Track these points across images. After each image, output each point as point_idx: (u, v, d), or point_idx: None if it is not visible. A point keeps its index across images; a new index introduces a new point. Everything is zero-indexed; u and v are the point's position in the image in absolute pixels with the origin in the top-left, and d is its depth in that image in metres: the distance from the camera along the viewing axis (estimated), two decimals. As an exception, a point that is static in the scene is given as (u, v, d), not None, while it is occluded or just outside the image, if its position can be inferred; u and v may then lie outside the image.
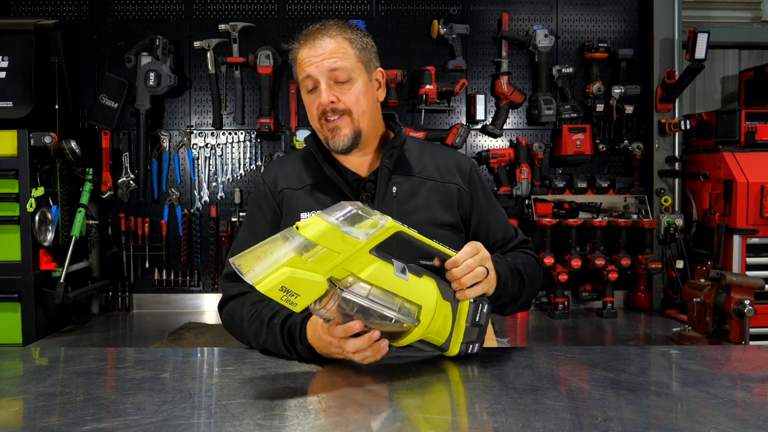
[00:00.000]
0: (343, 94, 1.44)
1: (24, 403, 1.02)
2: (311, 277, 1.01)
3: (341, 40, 1.45)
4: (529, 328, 2.97)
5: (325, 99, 1.43)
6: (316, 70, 1.43)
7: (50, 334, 2.76)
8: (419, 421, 0.92)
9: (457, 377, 1.14)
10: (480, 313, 1.19)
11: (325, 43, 1.44)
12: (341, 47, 1.44)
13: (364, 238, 1.04)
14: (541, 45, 3.19)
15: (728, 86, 3.84)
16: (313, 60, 1.43)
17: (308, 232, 1.02)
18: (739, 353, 1.44)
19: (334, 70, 1.43)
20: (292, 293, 0.99)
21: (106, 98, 3.14)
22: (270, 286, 0.98)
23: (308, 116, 1.52)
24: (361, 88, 1.46)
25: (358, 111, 1.46)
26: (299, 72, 1.48)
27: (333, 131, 1.46)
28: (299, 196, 1.51)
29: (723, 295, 2.35)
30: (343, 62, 1.44)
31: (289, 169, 1.56)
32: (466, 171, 1.56)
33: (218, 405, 0.99)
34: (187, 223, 3.20)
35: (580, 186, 3.18)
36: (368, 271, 1.05)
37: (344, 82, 1.44)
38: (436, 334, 1.15)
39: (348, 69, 1.44)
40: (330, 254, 1.02)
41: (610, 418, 0.92)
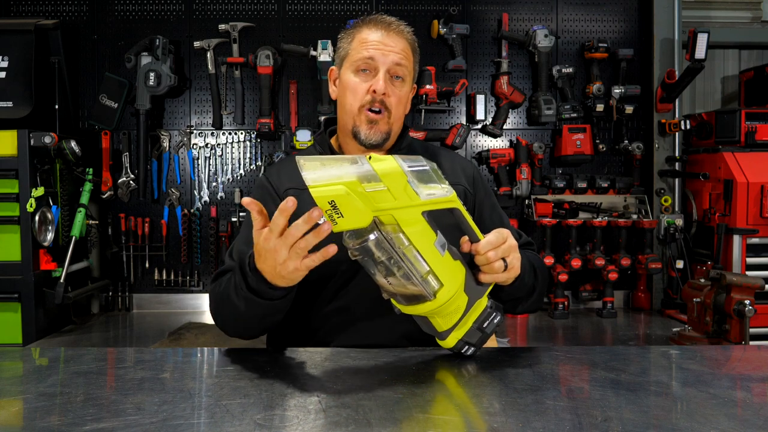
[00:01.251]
0: (393, 92, 1.46)
1: (24, 403, 1.01)
2: (361, 206, 1.00)
3: (408, 44, 1.50)
4: (529, 328, 2.97)
5: (381, 87, 1.43)
6: (382, 57, 1.44)
7: (50, 334, 2.76)
8: (419, 421, 0.92)
9: (457, 377, 1.14)
10: (489, 322, 1.18)
11: (398, 38, 1.47)
12: (408, 50, 1.49)
13: (423, 198, 1.05)
14: (541, 45, 3.19)
15: (728, 86, 3.84)
16: (382, 47, 1.45)
17: (378, 166, 1.02)
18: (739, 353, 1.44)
19: (398, 65, 1.46)
20: (338, 212, 0.99)
21: (106, 98, 3.14)
22: (321, 194, 0.97)
23: (344, 98, 1.48)
24: (406, 93, 1.50)
25: (396, 114, 1.48)
26: (357, 49, 1.47)
27: (372, 123, 1.46)
28: (304, 197, 1.48)
29: (723, 295, 2.35)
30: (407, 63, 1.48)
31: (292, 170, 1.53)
32: (470, 174, 1.58)
33: (218, 405, 0.99)
34: (187, 223, 3.20)
35: (580, 186, 3.18)
36: (414, 229, 1.05)
37: (399, 81, 1.47)
38: (441, 318, 1.14)
39: (407, 71, 1.49)
40: (387, 195, 1.02)
41: (610, 418, 0.92)
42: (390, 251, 1.04)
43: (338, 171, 1.00)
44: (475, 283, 1.17)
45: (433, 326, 1.16)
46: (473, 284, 1.16)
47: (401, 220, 1.04)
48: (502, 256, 1.18)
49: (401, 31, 1.49)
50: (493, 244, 1.17)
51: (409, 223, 1.05)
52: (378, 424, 0.90)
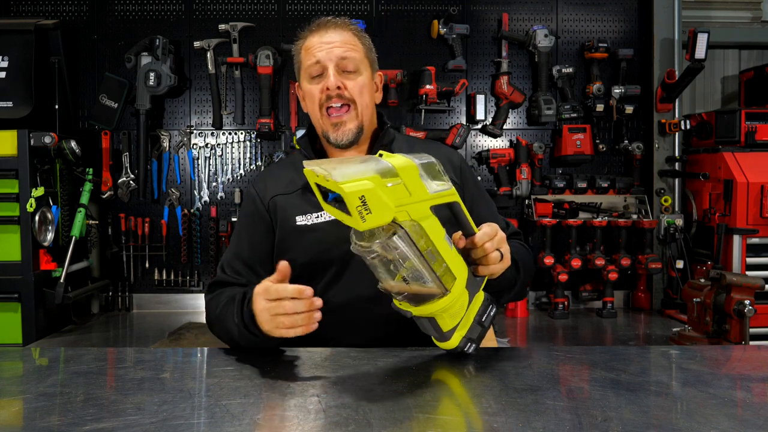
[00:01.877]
0: (350, 83, 1.46)
1: (24, 403, 1.01)
2: (387, 201, 1.00)
3: (352, 34, 1.50)
4: (529, 328, 2.97)
5: (332, 83, 1.43)
6: (325, 55, 1.45)
7: (50, 334, 2.76)
8: (420, 421, 0.92)
9: (457, 377, 1.14)
10: (487, 314, 1.19)
11: (338, 33, 1.48)
12: (351, 39, 1.49)
13: (431, 192, 1.05)
14: (541, 45, 3.19)
15: (728, 86, 3.84)
16: (323, 46, 1.46)
17: (394, 161, 1.03)
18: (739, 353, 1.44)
19: (344, 59, 1.46)
20: (367, 208, 0.98)
21: (106, 98, 3.14)
22: (354, 190, 0.97)
23: (308, 107, 1.52)
24: (366, 82, 1.49)
25: (362, 103, 1.47)
26: (305, 58, 1.49)
27: (337, 126, 1.46)
28: (292, 200, 1.51)
29: (723, 295, 2.35)
30: (353, 53, 1.47)
31: (279, 175, 1.56)
32: (457, 164, 1.58)
33: (218, 405, 0.99)
34: (187, 223, 3.20)
35: (580, 186, 3.18)
36: (427, 223, 1.06)
37: (351, 72, 1.47)
38: (449, 316, 1.14)
39: (357, 60, 1.47)
40: (404, 191, 1.02)
41: (610, 418, 0.92)
42: (411, 247, 1.04)
43: (358, 168, 1.00)
44: (473, 277, 1.17)
45: (439, 327, 1.15)
46: (472, 278, 1.17)
47: (416, 216, 1.04)
48: (497, 248, 1.19)
49: (340, 24, 1.50)
50: (489, 235, 1.17)
51: (422, 218, 1.05)
52: (378, 424, 0.90)
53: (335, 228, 1.40)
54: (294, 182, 1.52)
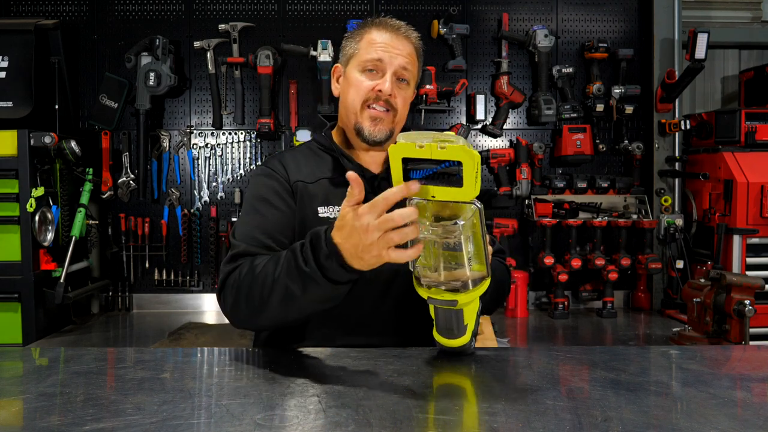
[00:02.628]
0: (399, 93, 1.49)
1: (24, 403, 1.01)
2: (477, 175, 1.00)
3: (414, 49, 1.53)
4: (529, 328, 2.97)
5: (388, 88, 1.46)
6: (390, 59, 1.47)
7: (50, 334, 2.76)
8: (420, 421, 0.92)
9: (457, 377, 1.14)
10: (480, 308, 1.22)
11: (406, 44, 1.51)
12: (414, 55, 1.53)
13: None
14: (541, 45, 3.19)
15: (728, 86, 3.84)
16: (390, 49, 1.48)
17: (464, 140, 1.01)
18: (739, 353, 1.44)
19: (404, 69, 1.49)
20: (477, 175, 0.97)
21: (106, 98, 3.14)
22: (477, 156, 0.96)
23: (347, 95, 1.50)
24: (409, 96, 1.54)
25: (401, 114, 1.51)
26: (366, 49, 1.50)
27: (375, 121, 1.47)
28: (315, 190, 1.48)
29: (723, 295, 2.35)
30: (412, 68, 1.52)
31: (296, 163, 1.53)
32: None
33: (218, 405, 0.99)
34: (187, 223, 3.20)
35: (580, 186, 3.18)
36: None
37: (403, 83, 1.50)
38: (472, 309, 1.15)
39: (412, 75, 1.52)
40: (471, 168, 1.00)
41: (610, 418, 0.92)
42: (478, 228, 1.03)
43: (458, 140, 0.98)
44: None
45: (463, 319, 1.15)
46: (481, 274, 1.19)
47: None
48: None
49: (409, 35, 1.53)
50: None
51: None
52: (378, 424, 0.90)
53: None
54: (313, 173, 1.50)
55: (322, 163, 1.53)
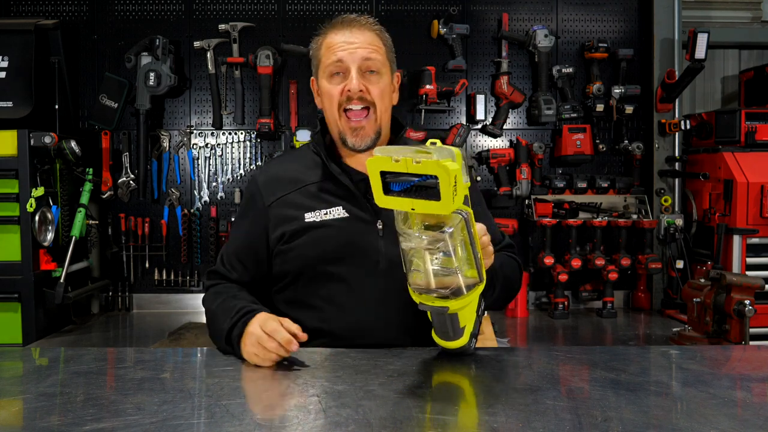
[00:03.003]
0: (372, 86, 1.44)
1: (24, 403, 1.02)
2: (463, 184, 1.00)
3: (376, 34, 1.48)
4: (529, 328, 2.97)
5: (355, 85, 1.42)
6: (349, 56, 1.43)
7: (50, 334, 2.75)
8: (419, 421, 0.92)
9: (457, 377, 1.14)
10: (480, 308, 1.21)
11: (361, 33, 1.45)
12: (375, 41, 1.47)
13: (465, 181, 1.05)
14: (541, 45, 3.19)
15: (728, 86, 3.84)
16: (346, 46, 1.44)
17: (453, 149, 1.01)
18: (739, 353, 1.44)
19: (368, 60, 1.44)
20: (456, 188, 0.97)
21: (106, 98, 3.14)
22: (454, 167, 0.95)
23: (324, 106, 1.50)
24: (387, 85, 1.48)
25: (381, 107, 1.47)
26: (326, 56, 1.47)
27: (356, 131, 1.45)
28: (299, 198, 1.50)
29: (723, 295, 2.35)
30: (377, 55, 1.46)
31: (284, 172, 1.55)
32: None
33: (218, 405, 0.99)
34: (187, 223, 3.20)
35: (580, 186, 3.18)
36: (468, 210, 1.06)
37: (374, 74, 1.45)
38: (468, 312, 1.15)
39: (379, 62, 1.46)
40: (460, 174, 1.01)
41: (610, 418, 0.92)
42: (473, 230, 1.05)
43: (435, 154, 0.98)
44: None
45: (458, 323, 1.15)
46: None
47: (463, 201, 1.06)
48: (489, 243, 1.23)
49: (366, 24, 1.48)
50: (484, 230, 1.21)
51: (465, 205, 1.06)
52: (378, 424, 0.90)
53: (345, 224, 1.41)
54: (300, 179, 1.51)
55: (313, 167, 1.53)
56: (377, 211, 1.44)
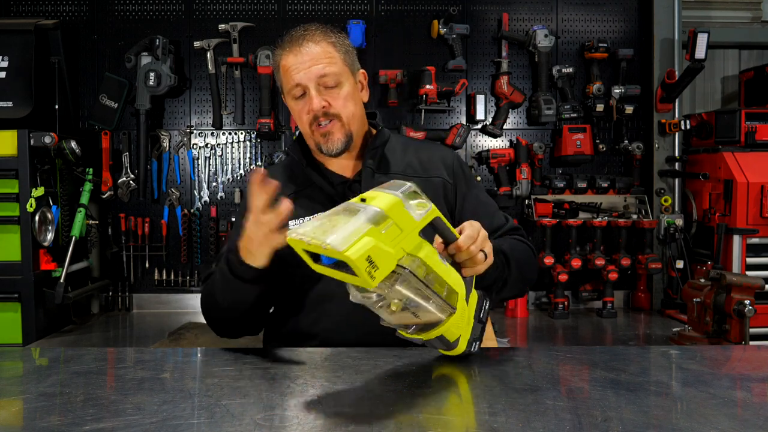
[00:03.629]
0: (333, 99, 1.45)
1: (24, 403, 1.01)
2: (389, 249, 0.96)
3: (326, 45, 1.46)
4: (529, 328, 2.97)
5: (316, 104, 1.43)
6: (304, 76, 1.44)
7: (50, 334, 2.76)
8: (419, 421, 0.92)
9: (457, 377, 1.14)
10: (483, 309, 1.18)
11: (311, 49, 1.44)
12: (327, 52, 1.45)
13: (417, 218, 1.02)
14: (541, 45, 3.19)
15: (728, 86, 3.84)
16: (300, 67, 1.44)
17: (379, 203, 0.98)
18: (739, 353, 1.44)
19: (323, 76, 1.44)
20: (374, 265, 0.94)
21: (106, 98, 3.14)
22: (360, 254, 0.92)
23: (298, 123, 1.52)
24: (349, 92, 1.47)
25: (347, 115, 1.47)
26: (285, 80, 1.48)
27: (326, 136, 1.46)
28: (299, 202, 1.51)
29: (723, 295, 2.35)
30: (331, 68, 1.44)
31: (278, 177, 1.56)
32: (450, 163, 1.57)
33: (218, 405, 0.99)
34: (187, 223, 3.20)
35: (580, 186, 3.18)
36: (424, 252, 1.02)
37: (333, 87, 1.45)
38: (455, 327, 1.12)
39: (336, 74, 1.45)
40: (396, 230, 0.98)
41: (610, 418, 0.92)
42: (417, 282, 1.01)
43: (351, 226, 0.95)
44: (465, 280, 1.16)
45: (447, 339, 1.12)
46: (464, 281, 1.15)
47: (410, 248, 1.01)
48: (481, 248, 1.17)
49: (313, 37, 1.46)
50: (472, 238, 1.16)
51: (416, 248, 1.02)
52: (378, 424, 0.90)
53: None
54: (286, 187, 1.53)
55: (292, 176, 1.55)
56: None
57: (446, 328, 1.10)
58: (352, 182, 1.51)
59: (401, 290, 1.00)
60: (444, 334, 1.12)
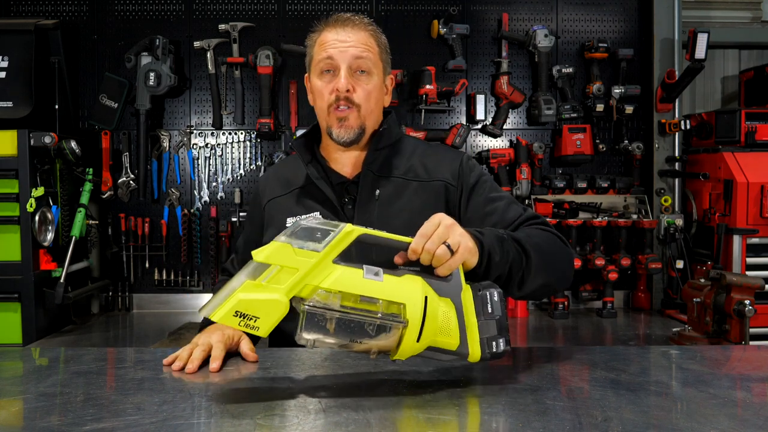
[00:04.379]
0: (359, 86, 1.44)
1: (24, 403, 1.01)
2: (267, 297, 0.98)
3: (369, 34, 1.46)
4: (529, 328, 2.97)
5: (343, 84, 1.42)
6: (340, 54, 1.43)
7: (50, 334, 2.76)
8: (419, 421, 0.92)
9: (457, 377, 1.14)
10: (490, 303, 1.08)
11: (355, 32, 1.45)
12: (368, 40, 1.46)
13: (321, 249, 1.01)
14: (541, 45, 3.19)
15: (728, 86, 3.84)
16: (337, 44, 1.43)
17: (259, 256, 1.00)
18: (739, 353, 1.44)
19: (359, 59, 1.44)
20: (250, 317, 0.98)
21: (106, 98, 3.14)
22: (223, 314, 0.97)
23: (315, 102, 1.50)
24: (375, 86, 1.47)
25: (366, 108, 1.46)
26: (317, 53, 1.47)
27: (341, 121, 1.45)
28: (284, 202, 1.53)
29: (723, 295, 2.35)
30: (369, 54, 1.45)
31: (279, 175, 1.60)
32: (456, 165, 1.52)
33: (218, 405, 0.99)
34: (187, 223, 3.20)
35: (580, 186, 3.18)
36: (331, 279, 1.00)
37: (363, 74, 1.45)
38: (441, 334, 1.05)
39: (371, 62, 1.45)
40: (287, 272, 0.99)
41: (610, 418, 0.92)
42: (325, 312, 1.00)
43: (231, 287, 1.00)
44: (443, 282, 1.08)
45: (445, 349, 1.07)
46: (443, 284, 1.08)
47: (319, 280, 1.00)
48: (441, 242, 1.08)
49: (359, 23, 1.47)
50: (425, 235, 1.08)
51: (328, 277, 1.01)
52: (378, 424, 0.90)
53: None
54: (290, 183, 1.55)
55: (296, 172, 1.56)
56: (350, 216, 1.46)
57: (412, 341, 1.03)
58: (350, 183, 1.50)
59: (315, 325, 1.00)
60: (438, 346, 1.06)
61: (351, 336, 1.01)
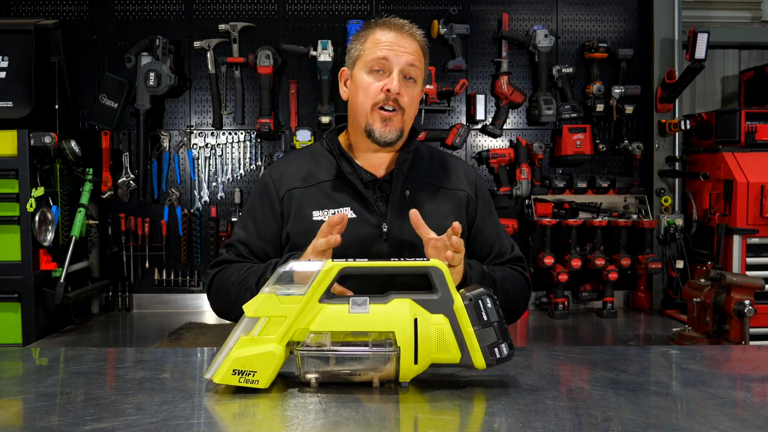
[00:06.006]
0: (407, 92, 1.49)
1: (24, 403, 1.02)
2: (261, 349, 1.03)
3: (420, 46, 1.53)
4: (529, 328, 2.97)
5: (396, 87, 1.46)
6: (396, 57, 1.47)
7: (50, 334, 2.76)
8: (420, 421, 0.92)
9: (456, 377, 1.14)
10: (485, 310, 1.08)
11: (411, 40, 1.51)
12: (419, 52, 1.52)
13: (304, 292, 1.05)
14: (541, 45, 3.19)
15: (728, 86, 3.84)
16: (396, 47, 1.48)
17: (249, 311, 1.06)
18: (739, 353, 1.44)
19: (411, 66, 1.49)
20: (248, 372, 1.03)
21: (106, 98, 3.14)
22: (222, 375, 1.03)
23: (357, 97, 1.50)
24: (418, 94, 1.53)
25: (409, 113, 1.51)
26: (370, 50, 1.50)
27: (386, 121, 1.48)
28: (309, 194, 1.51)
29: (723, 295, 2.35)
30: (419, 64, 1.51)
31: (297, 167, 1.57)
32: (473, 180, 1.62)
33: (218, 405, 0.99)
34: (187, 223, 3.20)
35: (580, 186, 3.18)
36: (318, 322, 1.05)
37: (410, 81, 1.50)
38: (439, 351, 1.06)
39: (419, 73, 1.52)
40: (276, 321, 1.04)
41: (610, 418, 0.92)
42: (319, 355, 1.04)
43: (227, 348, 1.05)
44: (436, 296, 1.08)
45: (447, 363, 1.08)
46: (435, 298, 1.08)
47: (307, 322, 1.05)
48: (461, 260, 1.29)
49: (414, 33, 1.52)
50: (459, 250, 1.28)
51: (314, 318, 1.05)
52: (378, 424, 0.90)
53: (352, 225, 1.41)
54: (312, 176, 1.53)
55: (324, 166, 1.55)
56: (383, 213, 1.48)
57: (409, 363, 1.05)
58: (383, 181, 1.52)
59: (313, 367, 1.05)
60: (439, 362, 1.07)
61: (350, 369, 1.06)
